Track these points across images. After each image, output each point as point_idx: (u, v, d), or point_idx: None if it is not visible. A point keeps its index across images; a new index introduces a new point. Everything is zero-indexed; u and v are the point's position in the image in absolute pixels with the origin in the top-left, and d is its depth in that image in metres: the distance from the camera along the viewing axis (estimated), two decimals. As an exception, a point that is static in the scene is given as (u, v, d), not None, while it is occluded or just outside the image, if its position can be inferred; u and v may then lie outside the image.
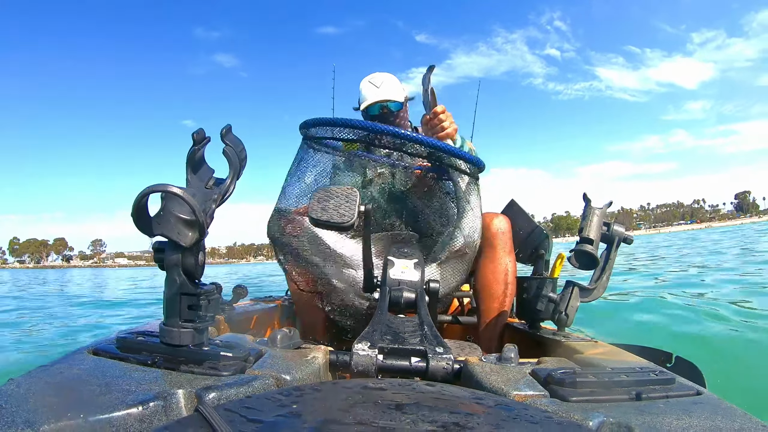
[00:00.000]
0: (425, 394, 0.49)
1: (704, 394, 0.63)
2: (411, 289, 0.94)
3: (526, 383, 0.63)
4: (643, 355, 0.97)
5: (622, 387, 0.60)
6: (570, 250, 1.08)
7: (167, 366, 0.60)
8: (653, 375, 0.64)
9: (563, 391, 0.58)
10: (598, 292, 1.09)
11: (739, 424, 0.52)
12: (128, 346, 0.65)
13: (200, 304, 0.61)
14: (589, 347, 1.00)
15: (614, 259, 1.09)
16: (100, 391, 0.51)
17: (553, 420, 0.45)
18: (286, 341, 0.78)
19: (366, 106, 1.70)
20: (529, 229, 1.55)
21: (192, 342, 0.61)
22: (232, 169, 0.63)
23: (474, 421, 0.41)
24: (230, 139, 0.63)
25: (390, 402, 0.45)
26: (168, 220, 0.56)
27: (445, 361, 0.67)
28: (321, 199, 0.88)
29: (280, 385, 0.60)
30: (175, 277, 0.60)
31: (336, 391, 0.50)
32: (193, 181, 0.62)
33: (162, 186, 0.55)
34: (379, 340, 0.70)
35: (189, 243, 0.57)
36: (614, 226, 1.08)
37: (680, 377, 0.69)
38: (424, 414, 0.41)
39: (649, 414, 0.53)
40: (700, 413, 0.55)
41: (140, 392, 0.51)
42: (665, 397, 0.60)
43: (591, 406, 0.55)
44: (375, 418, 0.40)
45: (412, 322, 0.83)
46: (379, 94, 1.69)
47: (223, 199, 0.63)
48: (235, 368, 0.61)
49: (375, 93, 1.70)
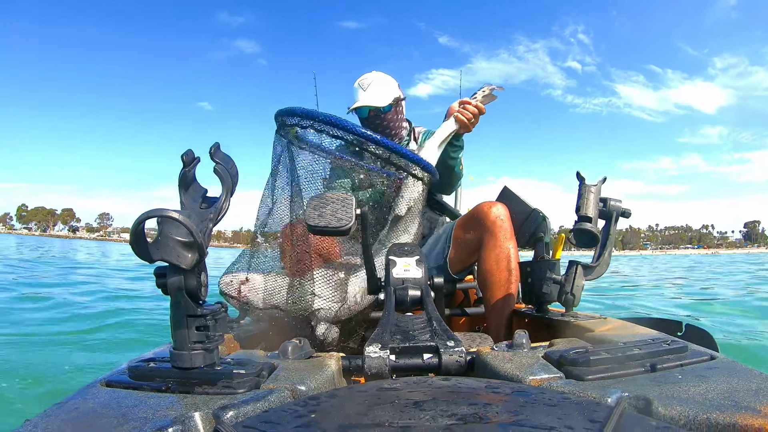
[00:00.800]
0: (441, 389, 0.49)
1: (718, 358, 0.64)
2: (415, 286, 0.94)
3: (540, 367, 0.63)
4: (653, 326, 0.98)
5: (636, 360, 0.61)
6: (569, 229, 1.08)
7: (181, 390, 0.60)
8: (666, 345, 0.64)
9: (578, 371, 0.58)
10: (602, 268, 1.10)
11: (756, 383, 0.53)
12: (140, 374, 0.65)
13: (207, 324, 0.61)
14: (598, 324, 1.00)
15: (614, 234, 1.10)
16: (117, 422, 0.51)
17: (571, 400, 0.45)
18: (297, 352, 0.78)
19: (352, 109, 1.72)
20: (525, 214, 1.55)
21: (203, 363, 0.61)
22: (224, 187, 0.63)
23: (493, 410, 0.41)
24: (220, 157, 0.62)
25: (407, 400, 0.45)
26: (166, 244, 0.56)
27: (457, 355, 0.67)
28: (317, 206, 0.89)
29: (296, 396, 0.60)
30: (180, 300, 0.60)
31: (352, 396, 0.50)
32: (187, 203, 0.62)
33: (158, 211, 0.55)
34: (389, 340, 0.70)
35: (189, 265, 0.57)
36: (611, 201, 1.08)
37: (692, 344, 0.69)
38: (443, 409, 0.41)
39: (666, 384, 0.54)
40: (717, 377, 0.55)
41: (157, 419, 0.51)
42: (680, 365, 0.61)
43: (607, 382, 0.56)
44: (394, 418, 0.40)
45: (421, 319, 0.83)
46: (364, 98, 1.70)
47: (218, 218, 0.62)
48: (249, 384, 0.60)
49: (361, 96, 1.71)
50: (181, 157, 0.60)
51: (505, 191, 1.66)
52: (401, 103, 1.79)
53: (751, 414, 0.45)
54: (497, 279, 1.46)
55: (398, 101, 1.76)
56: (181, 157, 0.60)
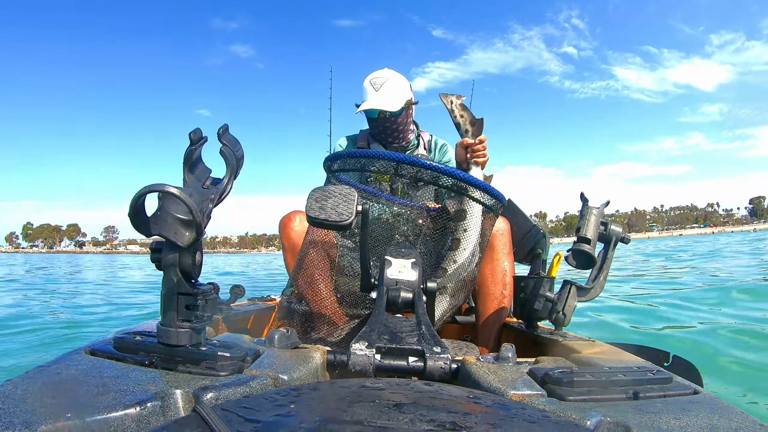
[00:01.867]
0: (423, 393, 0.49)
1: (701, 393, 0.63)
2: (408, 288, 0.94)
3: (523, 383, 0.63)
4: (641, 354, 0.98)
5: (620, 386, 0.60)
6: (567, 249, 1.08)
7: (165, 366, 0.60)
8: (650, 374, 0.64)
9: (561, 391, 0.58)
10: (596, 291, 1.09)
11: (736, 423, 0.52)
12: (125, 346, 0.65)
13: (197, 304, 0.61)
14: (586, 346, 1.00)
15: (611, 259, 1.10)
16: (97, 392, 0.51)
17: (551, 419, 0.45)
18: (283, 341, 0.78)
19: (362, 109, 1.68)
20: (525, 229, 1.55)
21: (189, 342, 0.61)
22: (229, 169, 0.63)
23: (471, 420, 0.41)
24: (227, 139, 0.62)
25: (388, 401, 0.45)
26: (165, 219, 0.56)
27: (442, 361, 0.67)
28: (318, 198, 0.88)
29: (278, 385, 0.60)
30: (173, 276, 0.60)
31: (334, 391, 0.50)
32: (190, 181, 0.62)
33: (159, 186, 0.55)
34: (376, 339, 0.70)
35: (186, 243, 0.57)
36: (611, 226, 1.08)
37: (677, 376, 0.69)
38: (422, 413, 0.41)
39: (646, 413, 0.53)
40: (698, 412, 0.55)
41: (137, 392, 0.51)
42: (663, 396, 0.60)
43: (588, 405, 0.55)
44: (373, 418, 0.40)
45: (410, 322, 0.83)
46: (375, 100, 1.65)
47: (220, 199, 0.62)
48: (232, 368, 0.60)
49: (373, 98, 1.66)
50: (188, 135, 0.60)
51: (508, 204, 1.66)
52: (412, 107, 1.76)
53: None
54: (491, 292, 1.46)
55: (410, 104, 1.73)
56: (188, 135, 0.60)
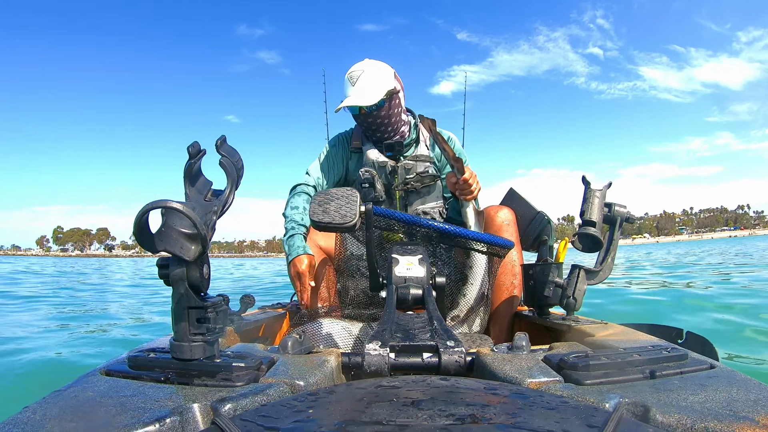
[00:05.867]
0: (440, 388, 0.49)
1: (718, 367, 0.63)
2: (417, 285, 0.94)
3: (539, 370, 0.63)
4: (654, 333, 0.97)
5: (636, 366, 0.60)
6: (573, 234, 1.08)
7: (180, 381, 0.60)
8: (666, 352, 0.64)
9: (577, 375, 0.58)
10: (604, 273, 1.09)
11: (754, 394, 0.52)
12: (140, 364, 0.65)
13: (208, 316, 0.61)
14: (599, 329, 1.00)
15: (618, 240, 1.09)
16: (115, 411, 0.51)
17: (569, 404, 0.45)
18: (297, 347, 0.78)
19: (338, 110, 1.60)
20: (530, 216, 1.55)
21: (203, 355, 0.61)
22: (230, 180, 0.63)
23: (490, 411, 0.41)
24: (226, 150, 0.63)
25: (405, 399, 0.45)
26: (170, 235, 0.56)
27: (457, 355, 0.67)
28: (321, 201, 0.88)
29: (295, 391, 0.60)
30: (181, 291, 0.60)
31: (351, 393, 0.50)
32: (192, 195, 0.62)
33: (161, 202, 0.55)
34: (389, 338, 0.70)
35: (192, 257, 0.57)
36: (615, 207, 1.08)
37: (693, 352, 0.69)
38: (441, 408, 0.41)
39: (664, 391, 0.53)
40: (716, 386, 0.55)
41: (156, 409, 0.51)
42: (679, 373, 0.60)
43: (606, 387, 0.55)
44: (392, 417, 0.40)
45: (422, 318, 0.83)
46: (352, 97, 1.57)
47: (223, 211, 0.63)
48: (248, 378, 0.61)
49: (350, 94, 1.59)
50: (186, 149, 0.60)
51: (511, 193, 1.66)
52: (398, 95, 1.63)
53: (749, 424, 0.45)
54: (501, 282, 1.46)
55: (393, 94, 1.59)
56: (186, 149, 0.60)
